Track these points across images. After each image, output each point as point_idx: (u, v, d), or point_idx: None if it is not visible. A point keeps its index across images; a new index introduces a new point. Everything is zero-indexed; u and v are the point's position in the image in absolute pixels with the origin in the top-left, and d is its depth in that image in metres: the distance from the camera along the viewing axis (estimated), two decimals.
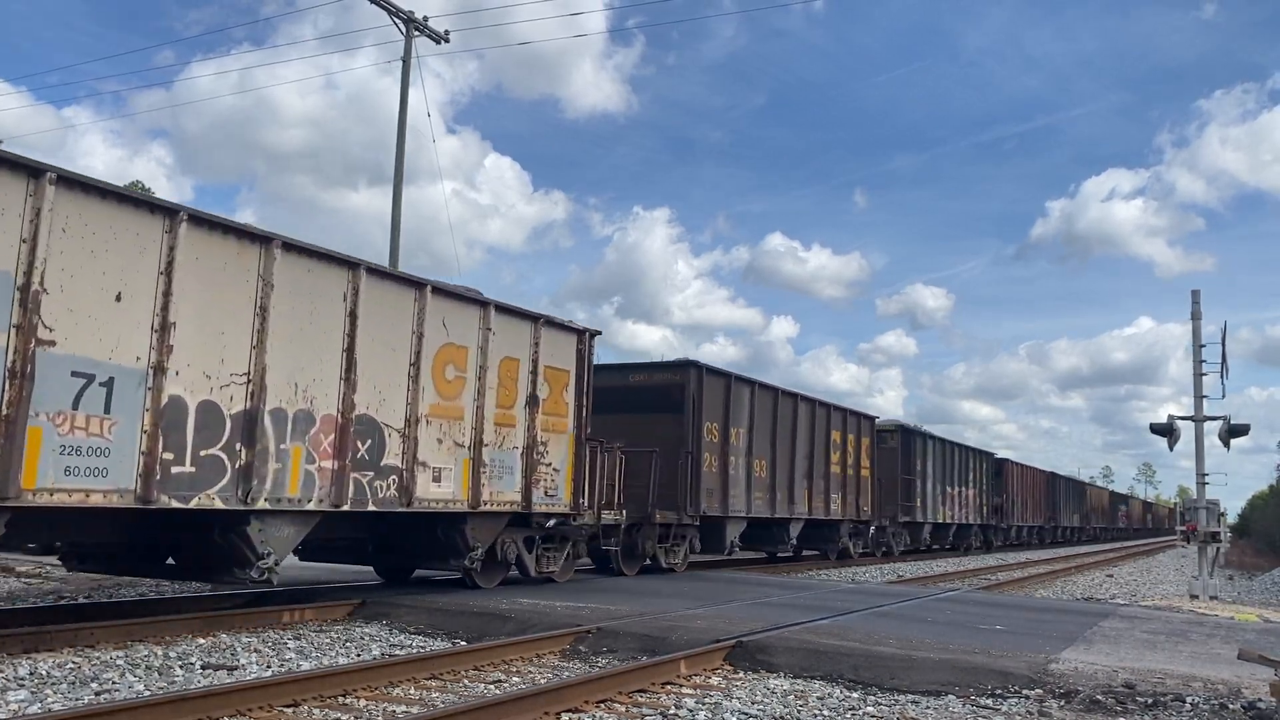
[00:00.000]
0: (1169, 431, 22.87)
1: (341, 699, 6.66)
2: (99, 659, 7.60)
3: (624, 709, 6.74)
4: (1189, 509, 23.14)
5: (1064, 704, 7.27)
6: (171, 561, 9.77)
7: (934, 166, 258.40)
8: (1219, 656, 9.53)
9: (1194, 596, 21.04)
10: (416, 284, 10.94)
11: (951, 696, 7.53)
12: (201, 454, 8.51)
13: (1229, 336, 23.89)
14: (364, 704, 6.60)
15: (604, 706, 6.74)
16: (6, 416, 7.17)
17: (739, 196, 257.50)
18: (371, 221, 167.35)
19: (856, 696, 7.52)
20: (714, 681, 7.84)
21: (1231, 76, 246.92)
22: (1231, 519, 72.14)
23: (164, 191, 71.45)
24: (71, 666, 7.25)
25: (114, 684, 6.82)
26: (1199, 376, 22.70)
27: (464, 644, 8.99)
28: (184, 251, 8.36)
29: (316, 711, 6.33)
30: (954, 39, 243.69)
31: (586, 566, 15.82)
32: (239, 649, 8.33)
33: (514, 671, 7.91)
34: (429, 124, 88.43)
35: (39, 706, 6.13)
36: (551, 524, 13.23)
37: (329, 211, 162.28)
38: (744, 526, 18.75)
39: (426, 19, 26.20)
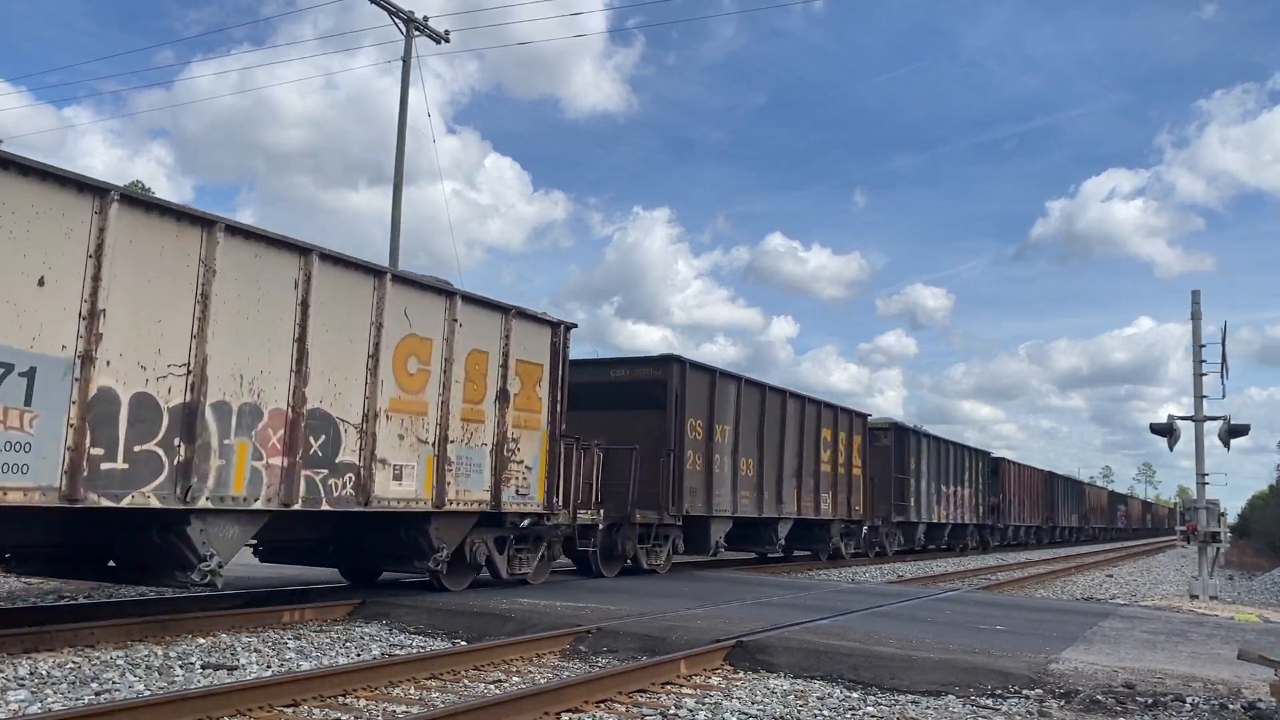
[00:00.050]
0: (1169, 431, 22.88)
1: (341, 699, 6.66)
2: (99, 659, 7.61)
3: (624, 709, 6.74)
4: (1189, 509, 23.16)
5: (1064, 704, 7.28)
6: (112, 564, 9.32)
7: (934, 166, 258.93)
8: (1219, 656, 9.54)
9: (1194, 596, 21.05)
10: (375, 272, 10.42)
11: (951, 696, 7.53)
12: (135, 449, 7.98)
13: (1229, 336, 23.95)
14: (364, 704, 6.60)
15: (604, 706, 6.74)
16: None
17: (739, 196, 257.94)
18: (371, 221, 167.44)
19: (856, 696, 7.53)
20: (714, 681, 7.84)
21: (1231, 76, 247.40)
22: (1231, 519, 72.23)
23: (164, 191, 71.49)
24: (71, 666, 7.25)
25: (114, 684, 6.82)
26: (1199, 376, 22.73)
27: (464, 644, 9.00)
28: (116, 234, 7.82)
29: (316, 711, 6.33)
30: (954, 39, 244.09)
31: (567, 568, 15.44)
32: (239, 649, 8.34)
33: (514, 671, 7.92)
34: (429, 124, 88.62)
35: (39, 706, 6.14)
36: (526, 524, 12.80)
37: (329, 211, 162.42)
38: (730, 526, 18.28)
39: (426, 19, 26.26)
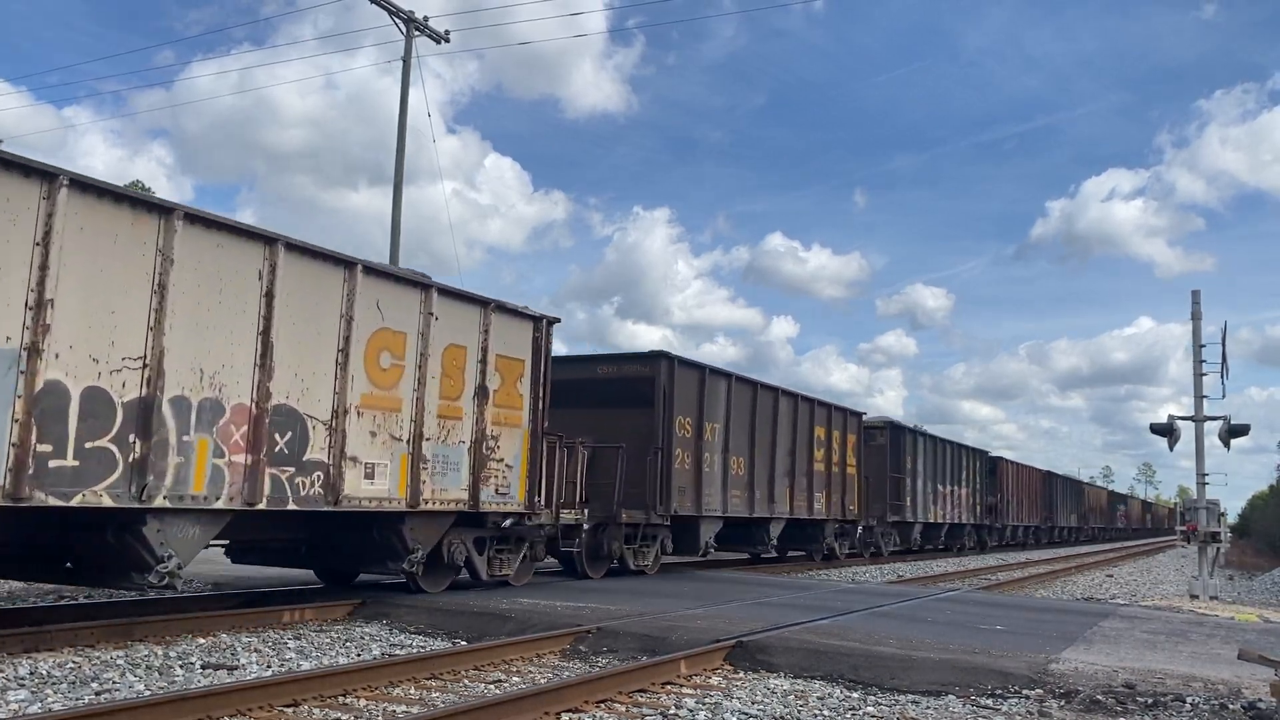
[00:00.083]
0: (1169, 431, 22.88)
1: (341, 699, 6.66)
2: (99, 658, 7.60)
3: (624, 709, 6.74)
4: (1189, 509, 23.16)
5: (1064, 704, 7.27)
6: (69, 565, 9.04)
7: (934, 166, 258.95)
8: (1219, 656, 9.54)
9: (1194, 596, 21.05)
10: (345, 263, 10.02)
11: (951, 696, 7.53)
12: (87, 446, 7.62)
13: (1229, 336, 23.94)
14: (364, 704, 6.60)
15: (604, 706, 6.74)
16: None
17: (739, 196, 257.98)
18: (371, 221, 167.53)
19: (857, 696, 7.53)
20: (714, 681, 7.84)
21: (1231, 76, 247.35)
22: (1231, 519, 72.28)
23: (164, 191, 71.52)
24: (72, 666, 7.25)
25: (114, 684, 6.82)
26: (1199, 376, 22.72)
27: (464, 644, 9.00)
28: (65, 220, 7.52)
29: (316, 711, 6.33)
30: (954, 39, 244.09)
31: (553, 569, 15.17)
32: (239, 649, 8.34)
33: (514, 671, 7.92)
34: (429, 124, 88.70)
35: (39, 706, 6.13)
36: (507, 524, 12.44)
37: (329, 212, 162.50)
38: (720, 526, 17.93)
39: (426, 19, 26.25)
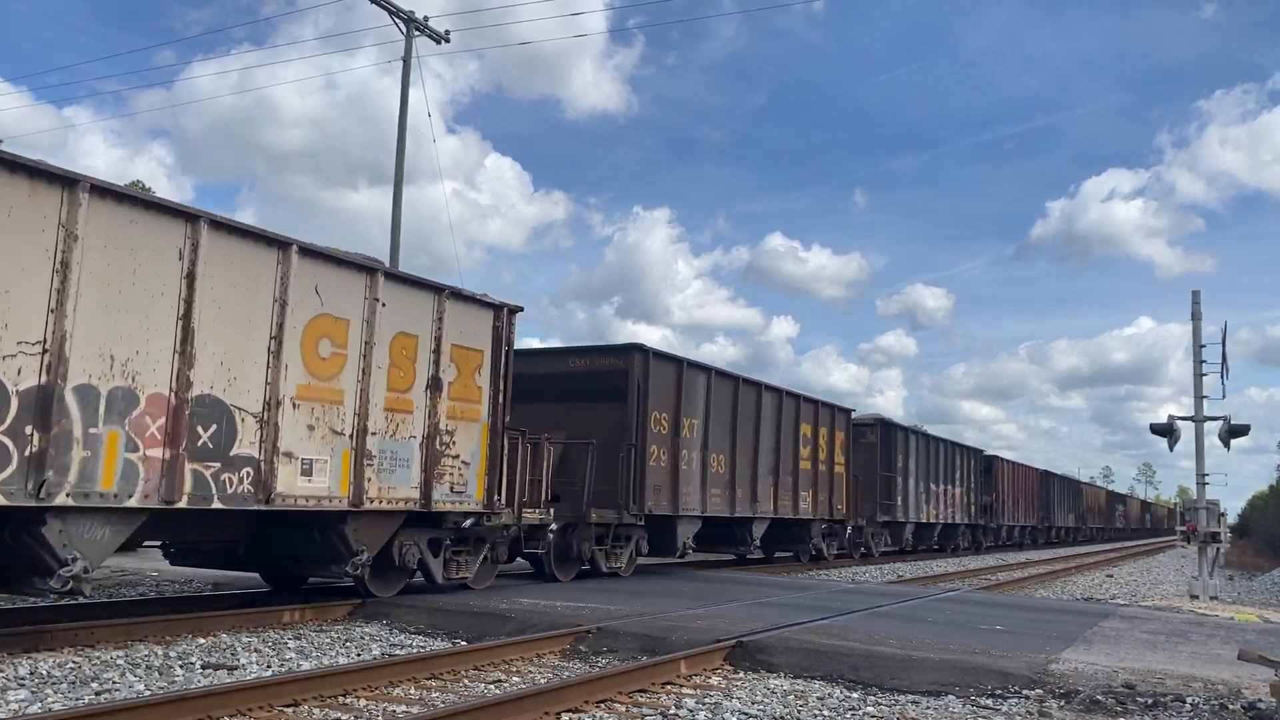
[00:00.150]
0: (1169, 432, 22.88)
1: (341, 699, 6.66)
2: (99, 659, 7.61)
3: (624, 709, 6.74)
4: (1189, 509, 23.17)
5: (1064, 704, 7.28)
6: None
7: (934, 166, 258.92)
8: (1219, 657, 9.54)
9: (1194, 597, 21.05)
10: (279, 243, 9.31)
11: (951, 696, 7.53)
12: None
13: (1229, 337, 23.95)
14: (364, 704, 6.60)
15: (604, 706, 6.74)
16: None
17: (739, 196, 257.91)
18: (371, 221, 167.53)
19: (856, 696, 7.53)
20: (714, 681, 7.84)
21: (1231, 76, 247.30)
22: (1231, 519, 72.33)
23: (164, 191, 71.39)
24: (72, 666, 7.25)
25: (114, 684, 6.82)
26: (1199, 377, 22.73)
27: (464, 644, 9.00)
28: None
29: (316, 711, 6.34)
30: (954, 39, 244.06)
31: (524, 570, 14.76)
32: (239, 649, 8.34)
33: (514, 671, 7.92)
34: (429, 124, 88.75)
35: (39, 706, 6.14)
36: (468, 524, 11.77)
37: (329, 211, 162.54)
38: (699, 526, 17.22)
39: (427, 19, 26.24)
